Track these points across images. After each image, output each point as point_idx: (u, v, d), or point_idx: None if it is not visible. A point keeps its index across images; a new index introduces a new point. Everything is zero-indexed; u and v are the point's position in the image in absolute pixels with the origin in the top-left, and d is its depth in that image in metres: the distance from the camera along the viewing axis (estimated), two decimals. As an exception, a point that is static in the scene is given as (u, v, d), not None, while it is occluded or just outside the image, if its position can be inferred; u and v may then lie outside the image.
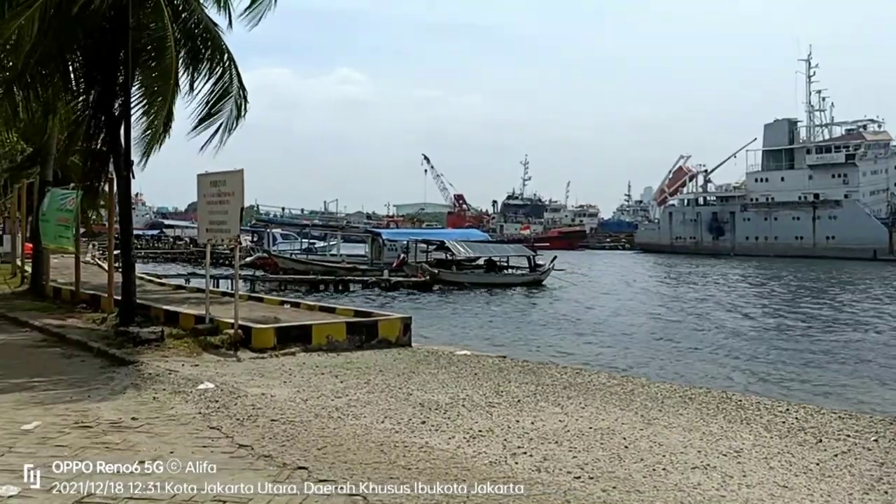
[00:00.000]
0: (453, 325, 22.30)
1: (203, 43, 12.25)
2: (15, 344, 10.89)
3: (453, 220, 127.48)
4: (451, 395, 7.58)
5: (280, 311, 13.08)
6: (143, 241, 64.86)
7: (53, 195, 16.22)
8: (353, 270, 38.40)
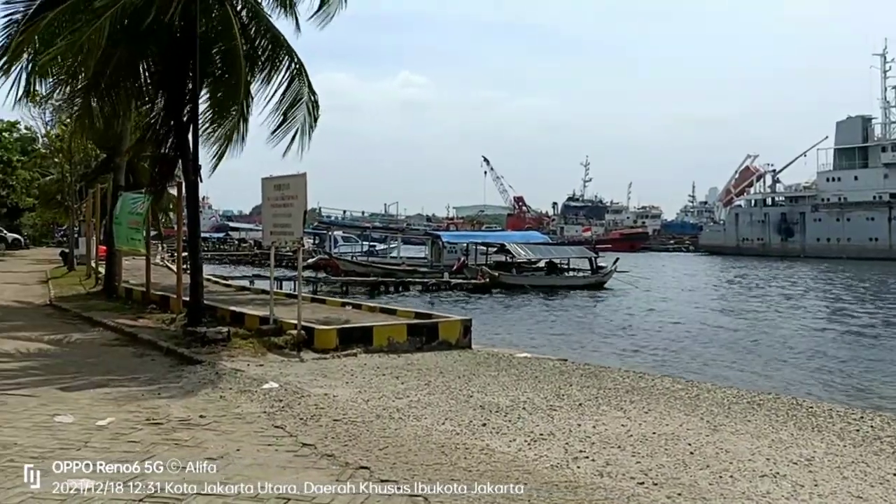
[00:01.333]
0: (513, 328, 22.22)
1: (271, 51, 12.50)
2: (91, 342, 11.32)
3: (513, 222, 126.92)
4: (512, 397, 7.55)
5: (342, 313, 13.25)
6: (210, 243, 66.58)
7: (125, 199, 16.80)
8: (413, 272, 38.63)
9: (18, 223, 57.35)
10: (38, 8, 12.81)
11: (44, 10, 12.20)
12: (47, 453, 5.27)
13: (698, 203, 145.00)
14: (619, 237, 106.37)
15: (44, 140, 37.34)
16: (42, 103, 22.16)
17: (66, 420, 6.27)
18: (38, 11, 12.59)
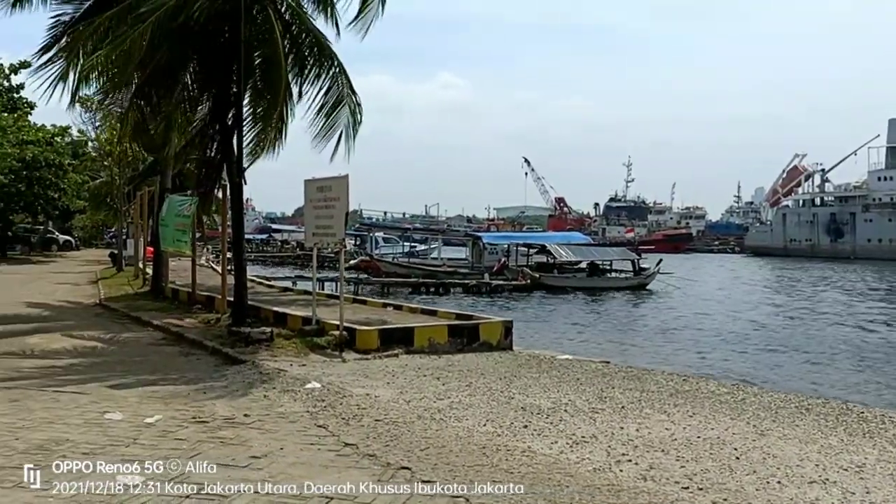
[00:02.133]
0: (554, 329, 22.09)
1: (312, 54, 12.62)
2: (139, 342, 11.57)
3: (554, 223, 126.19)
4: (553, 399, 7.50)
5: (383, 314, 13.32)
6: (253, 244, 67.49)
7: (172, 201, 17.13)
8: (454, 274, 38.64)
9: (70, 225, 58.88)
10: (84, 12, 13.16)
11: (91, 15, 12.53)
12: (97, 449, 5.40)
13: (744, 203, 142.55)
14: (662, 238, 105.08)
15: (93, 144, 38.30)
16: (92, 108, 22.80)
17: (115, 417, 6.42)
18: (84, 16, 12.94)
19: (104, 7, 12.12)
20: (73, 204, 45.78)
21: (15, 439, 5.65)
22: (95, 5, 12.97)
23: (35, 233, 50.52)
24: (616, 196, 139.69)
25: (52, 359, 9.84)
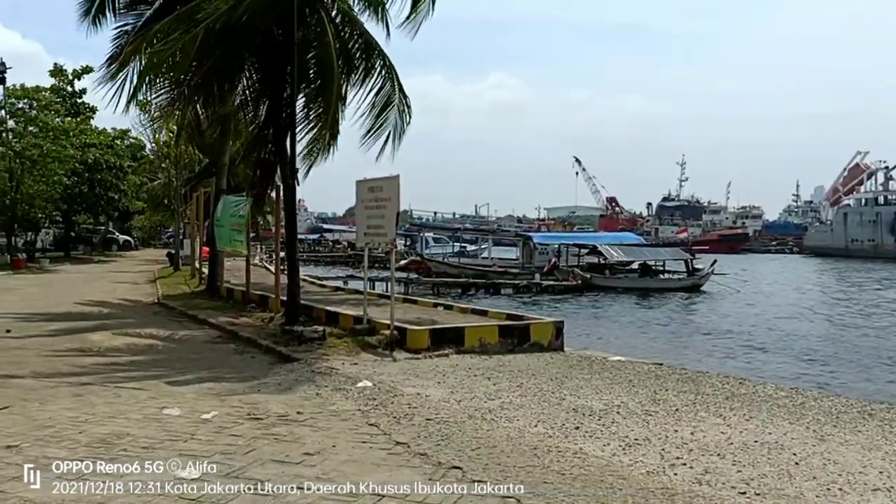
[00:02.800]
0: (606, 331, 21.86)
1: (364, 56, 12.74)
2: (195, 339, 11.83)
3: (606, 223, 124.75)
4: (605, 401, 7.42)
5: (433, 313, 13.35)
6: (305, 244, 68.37)
7: (227, 202, 17.46)
8: (505, 274, 38.53)
9: (129, 225, 60.59)
10: (146, 21, 13.54)
11: (151, 23, 12.87)
12: (156, 444, 5.54)
13: (803, 203, 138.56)
14: (717, 238, 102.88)
15: (152, 146, 39.32)
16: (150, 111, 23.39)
17: (173, 413, 6.58)
18: (145, 24, 13.30)
19: (164, 15, 12.44)
20: (133, 205, 47.09)
21: (79, 433, 5.84)
22: (155, 14, 13.34)
23: (96, 233, 52.13)
24: (669, 195, 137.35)
25: (113, 355, 10.15)
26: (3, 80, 33.74)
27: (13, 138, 33.15)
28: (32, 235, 39.02)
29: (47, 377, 8.32)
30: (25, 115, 33.59)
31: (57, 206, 38.47)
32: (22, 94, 34.19)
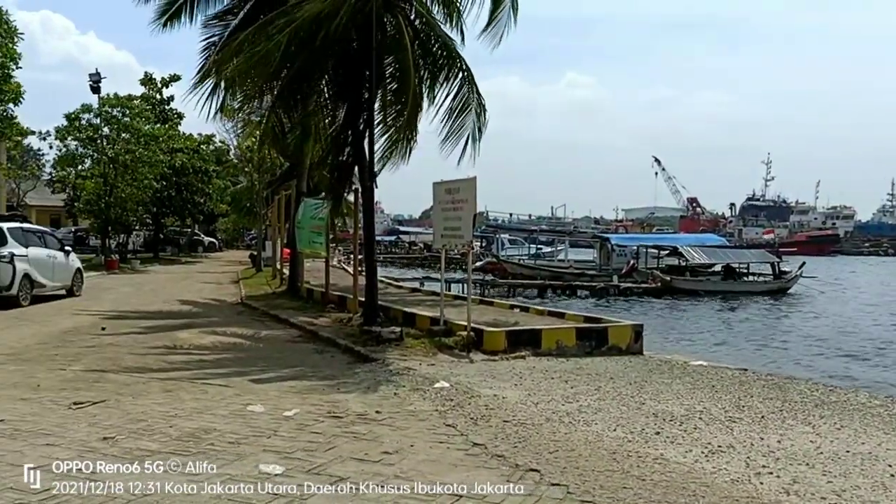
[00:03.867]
0: (687, 335, 21.32)
1: (441, 59, 12.82)
2: (277, 339, 12.15)
3: (686, 224, 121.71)
4: (687, 406, 7.25)
5: (510, 315, 13.32)
6: (382, 246, 69.17)
7: (307, 205, 17.87)
8: (581, 276, 38.07)
9: (214, 228, 62.70)
10: (232, 31, 13.98)
11: (236, 32, 13.28)
12: (241, 439, 5.71)
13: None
14: (805, 239, 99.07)
15: (235, 151, 40.61)
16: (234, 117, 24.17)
17: (257, 409, 6.77)
18: (232, 34, 13.73)
19: (248, 25, 12.82)
20: (217, 208, 48.70)
21: (169, 427, 6.08)
22: (240, 24, 13.76)
23: (183, 235, 54.13)
24: (754, 195, 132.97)
25: (200, 353, 10.53)
26: (99, 90, 35.47)
27: (107, 145, 34.76)
28: (125, 237, 40.75)
29: (139, 373, 8.69)
30: (119, 122, 35.18)
31: (147, 209, 40.12)
32: (115, 102, 35.85)
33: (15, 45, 21.86)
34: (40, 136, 34.69)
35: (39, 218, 45.06)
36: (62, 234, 33.04)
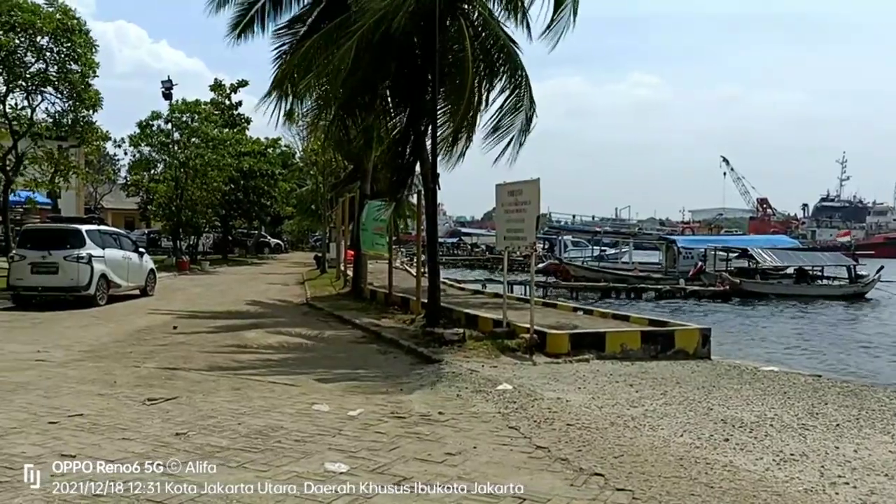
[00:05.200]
0: (757, 339, 20.73)
1: (499, 60, 12.81)
2: (341, 339, 12.32)
3: (756, 225, 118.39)
4: (757, 413, 7.05)
5: (573, 318, 13.19)
6: (444, 248, 69.41)
7: (370, 206, 18.07)
8: (647, 278, 37.44)
9: (279, 230, 63.93)
10: (300, 38, 14.24)
11: (304, 40, 13.52)
12: (307, 438, 5.81)
13: None
14: (883, 241, 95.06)
15: (301, 154, 41.32)
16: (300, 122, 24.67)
17: (322, 409, 6.87)
18: (300, 41, 13.99)
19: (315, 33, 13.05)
20: (283, 210, 49.66)
21: (238, 424, 6.22)
22: (308, 31, 14.02)
23: (250, 237, 55.37)
24: (828, 196, 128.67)
25: (266, 352, 10.76)
26: (170, 96, 36.63)
27: (178, 149, 35.83)
28: (195, 239, 41.90)
29: (210, 371, 8.93)
30: (189, 127, 36.24)
31: (216, 212, 41.18)
32: (185, 108, 36.95)
33: (93, 55, 22.71)
34: (115, 144, 36.00)
35: (115, 220, 46.80)
36: (136, 236, 34.18)
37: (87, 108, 23.44)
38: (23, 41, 21.51)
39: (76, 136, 24.76)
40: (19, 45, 21.49)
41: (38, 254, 16.59)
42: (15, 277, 16.74)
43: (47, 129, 24.14)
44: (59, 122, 23.71)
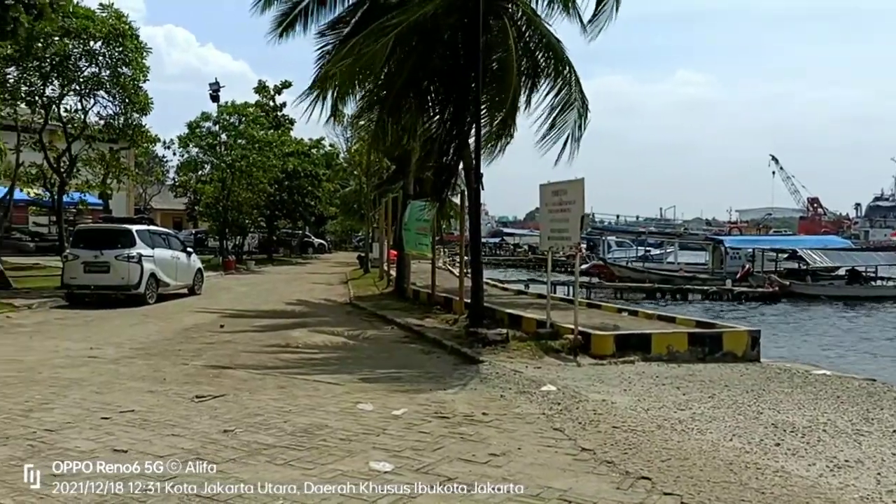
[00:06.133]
0: (807, 342, 20.27)
1: (545, 58, 12.73)
2: (384, 339, 12.38)
3: (806, 225, 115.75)
4: (809, 417, 6.87)
5: (618, 319, 13.03)
6: (486, 248, 69.25)
7: (413, 207, 18.12)
8: (693, 279, 36.89)
9: (323, 230, 64.54)
10: (343, 39, 14.33)
11: (348, 40, 13.61)
12: (352, 436, 5.84)
13: None
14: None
15: (344, 155, 41.68)
16: (343, 122, 24.87)
17: (366, 408, 6.91)
18: (343, 42, 14.08)
19: (359, 32, 13.13)
20: (327, 210, 50.13)
21: (284, 422, 6.29)
22: (352, 31, 14.11)
23: (294, 237, 55.99)
24: (882, 195, 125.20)
25: (311, 351, 10.87)
26: (218, 98, 37.24)
27: (225, 151, 36.43)
28: (240, 239, 42.53)
29: (256, 369, 9.05)
30: (235, 129, 36.82)
31: (261, 212, 41.75)
32: (232, 110, 37.56)
33: (144, 59, 23.23)
34: (164, 146, 36.73)
35: (163, 220, 47.71)
36: (184, 235, 34.83)
37: (138, 112, 23.99)
38: (77, 46, 22.10)
39: (127, 139, 25.37)
40: (74, 49, 22.08)
41: (91, 253, 17.02)
42: (69, 276, 17.20)
43: (100, 132, 24.80)
44: (111, 124, 24.32)
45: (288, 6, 15.06)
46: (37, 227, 38.12)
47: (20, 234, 36.30)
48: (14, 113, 23.51)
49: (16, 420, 6.27)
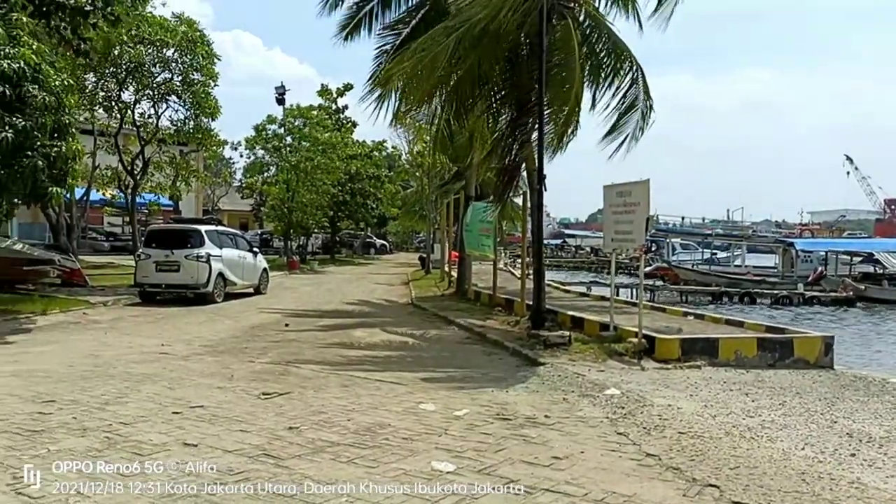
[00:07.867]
0: (886, 349, 19.48)
1: (609, 58, 12.59)
2: (445, 339, 12.40)
3: (883, 228, 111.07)
4: (888, 427, 6.60)
5: (683, 322, 12.78)
6: (548, 250, 68.75)
7: (475, 208, 18.12)
8: (761, 283, 35.87)
9: (385, 231, 65.11)
10: (403, 39, 14.47)
11: (408, 42, 13.73)
12: (414, 436, 5.87)
13: None
14: None
15: (406, 156, 41.95)
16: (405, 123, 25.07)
17: (428, 408, 6.94)
18: (403, 42, 14.22)
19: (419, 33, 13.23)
20: (388, 211, 50.51)
21: (347, 420, 6.37)
22: (412, 32, 14.23)
23: (357, 238, 56.66)
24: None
25: (373, 350, 10.97)
26: (283, 101, 37.97)
27: (290, 153, 37.10)
28: (304, 240, 43.20)
29: (319, 368, 9.18)
30: (300, 131, 37.48)
31: (325, 213, 42.38)
32: (297, 113, 38.25)
33: (213, 65, 23.89)
34: (232, 147, 37.62)
35: (230, 221, 48.86)
36: (250, 236, 35.62)
37: (207, 116, 24.67)
38: (150, 53, 22.88)
39: (196, 142, 26.13)
40: (147, 56, 22.86)
41: (162, 253, 17.56)
42: (141, 275, 17.78)
43: (170, 136, 25.60)
44: (181, 128, 25.07)
45: (353, 9, 15.29)
46: (111, 227, 39.63)
47: (96, 234, 37.79)
48: (92, 117, 24.47)
49: (93, 413, 6.50)
